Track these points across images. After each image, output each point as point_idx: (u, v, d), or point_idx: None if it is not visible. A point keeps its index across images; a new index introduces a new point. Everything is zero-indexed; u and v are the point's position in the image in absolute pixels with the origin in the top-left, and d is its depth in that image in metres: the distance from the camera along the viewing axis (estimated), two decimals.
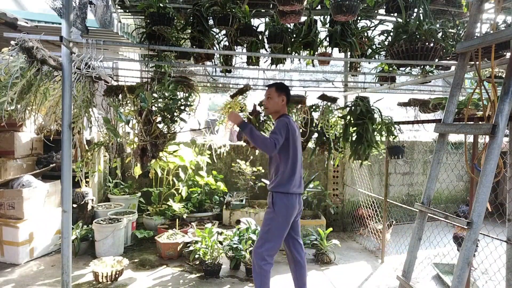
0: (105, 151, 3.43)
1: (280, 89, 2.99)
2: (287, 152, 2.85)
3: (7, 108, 2.37)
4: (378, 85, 4.62)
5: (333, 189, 5.79)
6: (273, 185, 2.89)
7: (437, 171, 2.28)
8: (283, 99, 2.99)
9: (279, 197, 2.84)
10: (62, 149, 2.51)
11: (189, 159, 5.16)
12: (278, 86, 3.01)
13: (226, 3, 3.00)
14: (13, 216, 3.94)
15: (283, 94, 2.99)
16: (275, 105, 2.97)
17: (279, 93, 2.97)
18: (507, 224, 2.26)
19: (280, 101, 2.97)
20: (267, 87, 3.06)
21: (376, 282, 3.81)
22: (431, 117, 4.73)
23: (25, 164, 4.74)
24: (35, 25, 3.26)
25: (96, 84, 2.79)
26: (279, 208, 2.82)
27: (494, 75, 2.23)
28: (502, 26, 3.05)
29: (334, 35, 3.38)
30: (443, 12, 3.69)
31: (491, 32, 2.31)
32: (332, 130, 3.91)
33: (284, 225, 2.84)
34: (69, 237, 2.57)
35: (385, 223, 4.35)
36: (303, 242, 4.32)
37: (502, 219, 2.63)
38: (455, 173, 6.21)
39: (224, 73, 4.22)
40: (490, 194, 1.85)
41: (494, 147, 1.83)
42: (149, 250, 4.48)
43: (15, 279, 3.57)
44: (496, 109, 1.88)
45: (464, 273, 1.82)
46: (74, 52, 2.53)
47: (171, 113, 3.04)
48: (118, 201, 5.25)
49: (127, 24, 4.81)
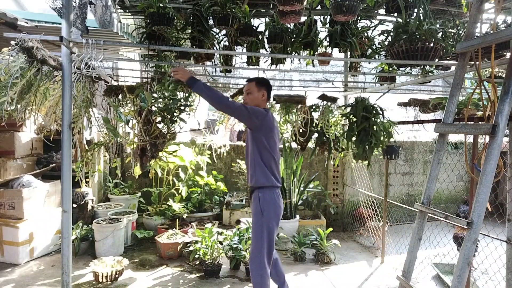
0: (105, 151, 3.43)
1: (260, 84, 2.86)
2: (266, 144, 2.72)
3: (7, 108, 2.37)
4: (378, 85, 4.62)
5: (333, 189, 5.79)
6: (255, 178, 2.74)
7: (437, 171, 2.28)
8: (264, 93, 2.86)
9: (265, 193, 2.72)
10: (62, 149, 2.51)
11: (189, 159, 5.16)
12: (258, 80, 2.90)
13: (226, 3, 3.00)
14: (13, 216, 3.94)
15: (263, 89, 2.86)
16: (254, 100, 2.82)
17: (259, 88, 2.85)
18: (507, 224, 2.26)
19: (260, 96, 2.84)
20: (247, 82, 2.94)
21: (376, 282, 3.81)
22: (431, 117, 4.73)
23: (25, 164, 4.74)
24: (35, 25, 3.26)
25: (96, 84, 2.79)
26: (267, 207, 2.70)
27: (494, 75, 2.23)
28: (502, 26, 3.06)
29: (334, 35, 3.39)
30: (443, 12, 3.69)
31: (491, 32, 2.31)
32: (332, 130, 3.91)
33: (276, 224, 2.75)
34: (69, 237, 2.57)
35: (385, 223, 4.35)
36: (303, 242, 4.36)
37: (502, 219, 2.63)
38: (455, 173, 6.21)
39: (224, 73, 4.22)
40: (490, 194, 1.85)
41: (494, 147, 1.83)
42: (149, 250, 4.48)
43: (15, 279, 3.57)
44: (496, 109, 1.88)
45: (464, 273, 1.82)
46: (74, 52, 2.53)
47: (171, 113, 3.04)
48: (118, 201, 5.25)
49: (127, 24, 4.82)
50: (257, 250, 2.69)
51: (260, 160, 2.74)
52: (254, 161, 2.76)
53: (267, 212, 2.70)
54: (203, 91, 2.58)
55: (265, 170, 2.74)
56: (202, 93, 2.59)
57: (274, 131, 2.80)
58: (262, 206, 2.70)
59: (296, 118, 3.93)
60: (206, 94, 2.57)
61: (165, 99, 3.01)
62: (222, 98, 2.57)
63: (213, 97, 2.56)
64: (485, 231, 2.83)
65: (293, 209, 4.91)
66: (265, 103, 2.91)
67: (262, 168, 2.74)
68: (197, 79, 2.61)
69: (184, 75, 2.62)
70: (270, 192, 2.75)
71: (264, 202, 2.71)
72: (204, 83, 2.60)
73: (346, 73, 4.70)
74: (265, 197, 2.72)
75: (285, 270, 4.00)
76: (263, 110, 2.73)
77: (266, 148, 2.73)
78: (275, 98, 3.85)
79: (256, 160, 2.75)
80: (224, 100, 2.57)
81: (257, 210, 2.72)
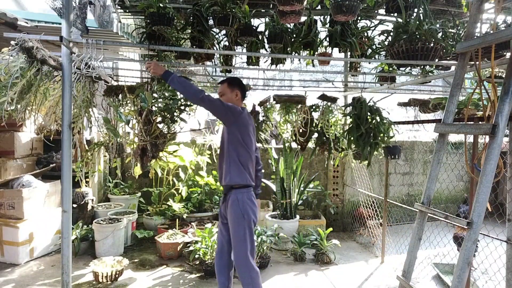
0: (105, 151, 3.43)
1: (233, 84, 2.81)
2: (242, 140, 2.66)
3: (7, 108, 2.37)
4: (378, 85, 4.62)
5: (333, 189, 5.79)
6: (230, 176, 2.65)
7: (437, 171, 2.28)
8: (237, 93, 2.80)
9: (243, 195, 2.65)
10: (62, 149, 2.51)
11: (189, 159, 5.16)
12: (230, 81, 2.83)
13: (226, 3, 3.00)
14: (13, 216, 3.94)
15: (236, 89, 2.80)
16: (229, 101, 2.73)
17: (232, 89, 2.79)
18: (507, 224, 2.26)
19: (233, 96, 2.78)
20: (219, 84, 2.87)
21: (376, 282, 3.81)
22: (431, 117, 4.73)
23: (25, 164, 4.74)
24: (35, 25, 3.26)
25: (96, 84, 2.79)
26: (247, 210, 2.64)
27: (494, 75, 2.23)
28: (502, 26, 3.05)
29: (334, 35, 3.38)
30: (443, 12, 3.69)
31: (491, 32, 2.31)
32: (332, 130, 3.91)
33: (255, 224, 2.70)
34: (69, 237, 2.57)
35: (385, 223, 4.35)
36: (303, 242, 4.36)
37: (502, 219, 2.63)
38: (455, 173, 6.21)
39: (224, 73, 4.22)
40: (490, 194, 1.86)
41: (494, 147, 1.83)
42: (149, 250, 4.48)
43: (15, 279, 3.57)
44: (496, 109, 1.88)
45: (464, 273, 1.83)
46: (74, 52, 2.53)
47: (171, 113, 3.03)
48: (118, 201, 5.26)
49: (127, 24, 4.81)
50: (242, 253, 2.62)
51: (236, 157, 2.66)
52: (230, 159, 2.67)
53: (247, 214, 2.64)
54: (178, 84, 2.50)
55: (240, 168, 2.66)
56: (178, 87, 2.51)
57: (249, 128, 2.73)
58: (242, 209, 2.63)
59: (296, 118, 3.93)
60: (181, 87, 2.49)
61: (165, 99, 3.01)
62: (198, 91, 2.48)
63: (189, 90, 2.48)
64: (485, 231, 2.83)
65: (293, 209, 4.91)
66: (240, 102, 2.85)
67: (237, 166, 2.66)
68: (171, 72, 2.53)
69: (157, 69, 2.55)
70: (248, 193, 2.69)
71: (244, 204, 2.64)
72: (179, 76, 2.51)
73: (346, 73, 4.70)
74: (244, 199, 2.65)
75: (285, 270, 4.01)
76: (239, 108, 2.70)
77: (242, 145, 2.66)
78: (275, 98, 3.85)
79: (232, 158, 2.67)
80: (200, 94, 2.48)
81: (237, 213, 2.64)
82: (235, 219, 2.65)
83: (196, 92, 2.48)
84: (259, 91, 5.26)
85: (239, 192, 2.67)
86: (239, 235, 2.63)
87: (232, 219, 2.67)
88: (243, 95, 2.87)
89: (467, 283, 2.89)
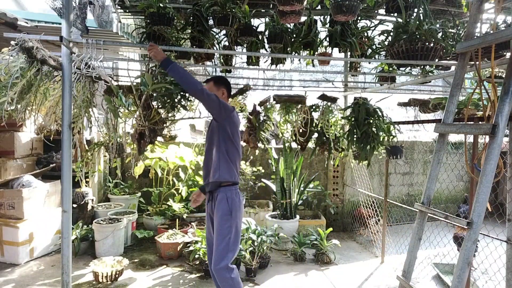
0: (105, 151, 3.42)
1: (219, 82, 2.80)
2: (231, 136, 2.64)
3: (7, 108, 2.37)
4: (378, 85, 4.62)
5: (333, 189, 5.79)
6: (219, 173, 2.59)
7: (437, 171, 2.28)
8: (223, 92, 2.79)
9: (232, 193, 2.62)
10: (62, 149, 2.51)
11: (189, 159, 5.16)
12: (216, 79, 2.82)
13: (226, 3, 3.00)
14: (13, 216, 3.94)
15: (222, 87, 2.79)
16: None
17: (218, 87, 2.77)
18: (507, 224, 2.26)
19: (220, 94, 2.75)
20: (204, 83, 2.82)
21: (376, 282, 3.81)
22: (431, 117, 4.73)
23: (25, 164, 4.74)
24: (35, 25, 3.26)
25: (96, 84, 2.79)
26: (235, 207, 2.61)
27: (494, 75, 2.23)
28: (502, 26, 3.05)
29: (334, 35, 3.38)
30: (443, 12, 3.69)
31: (491, 32, 2.31)
32: (332, 130, 3.91)
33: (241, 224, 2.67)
34: (69, 237, 2.57)
35: (385, 223, 4.35)
36: (303, 242, 4.36)
37: (502, 219, 2.63)
38: (455, 173, 6.21)
39: (224, 73, 4.21)
40: (490, 194, 1.86)
41: (494, 147, 1.83)
42: (149, 250, 4.48)
43: (15, 279, 3.57)
44: (496, 109, 1.88)
45: (464, 273, 1.83)
46: (74, 52, 2.53)
47: (171, 98, 2.98)
48: (118, 201, 5.26)
49: (127, 24, 4.81)
50: (224, 252, 2.53)
51: (226, 153, 2.62)
52: (219, 154, 2.62)
53: (235, 212, 2.61)
54: (178, 74, 2.46)
55: (230, 165, 2.63)
56: (177, 76, 2.48)
57: (238, 127, 2.74)
58: (231, 207, 2.59)
59: (296, 118, 3.92)
60: (181, 77, 2.46)
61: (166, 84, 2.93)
62: (198, 83, 2.47)
63: (189, 80, 2.45)
64: (485, 231, 2.83)
65: (293, 209, 4.91)
66: (227, 100, 2.84)
67: (227, 163, 2.62)
68: (172, 60, 2.49)
69: (157, 54, 2.50)
70: (236, 191, 2.68)
71: (233, 202, 2.62)
72: (178, 64, 2.48)
73: (346, 73, 4.70)
74: (233, 197, 2.63)
75: (285, 270, 4.01)
76: (230, 106, 2.71)
77: (232, 141, 2.64)
78: (275, 98, 3.85)
79: (222, 153, 2.62)
80: (200, 85, 2.47)
81: (225, 211, 2.58)
82: (221, 216, 2.59)
83: (196, 83, 2.46)
84: (259, 91, 5.25)
85: (228, 190, 2.63)
86: (223, 233, 2.56)
87: (217, 216, 2.61)
88: (229, 94, 2.87)
89: (467, 283, 2.89)
